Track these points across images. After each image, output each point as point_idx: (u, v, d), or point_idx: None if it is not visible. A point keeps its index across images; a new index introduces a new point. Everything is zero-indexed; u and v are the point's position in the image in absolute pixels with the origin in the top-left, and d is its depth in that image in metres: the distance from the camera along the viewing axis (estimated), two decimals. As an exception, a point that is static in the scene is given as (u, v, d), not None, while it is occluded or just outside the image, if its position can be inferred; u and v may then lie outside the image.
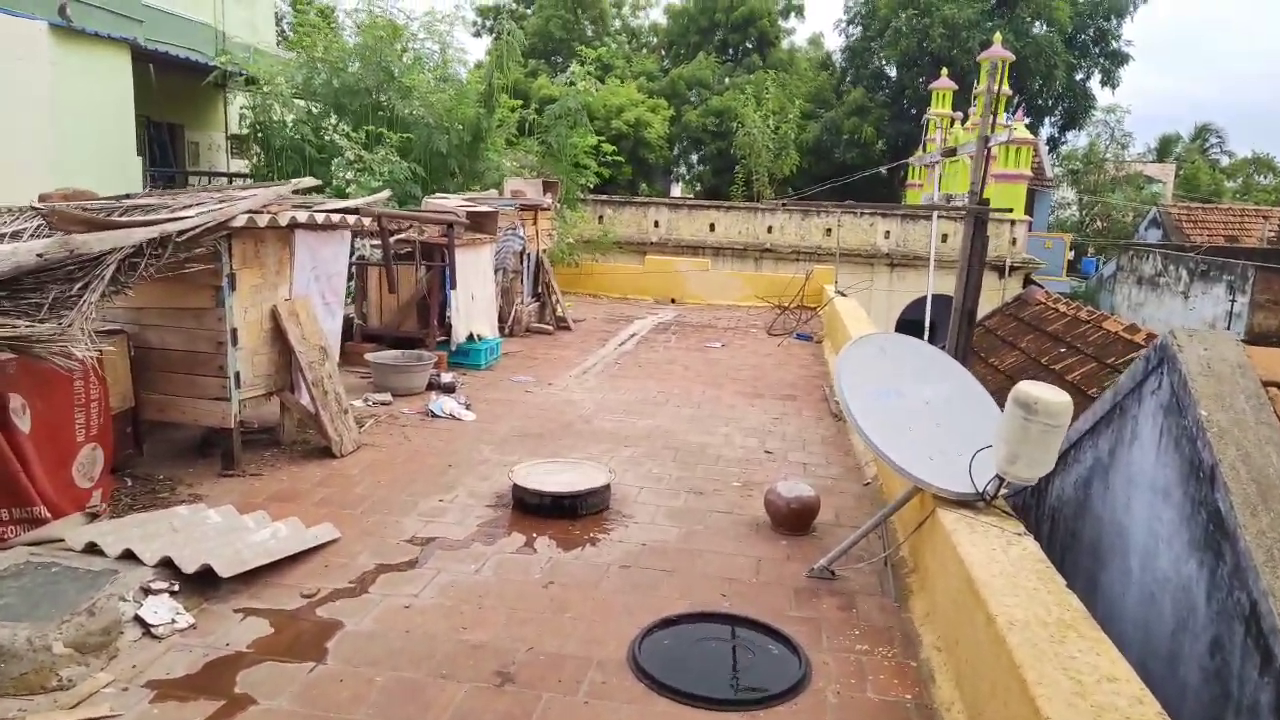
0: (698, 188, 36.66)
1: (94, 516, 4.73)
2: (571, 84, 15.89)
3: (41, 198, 5.16)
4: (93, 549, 4.09)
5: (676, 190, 38.05)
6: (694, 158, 36.41)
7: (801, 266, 19.18)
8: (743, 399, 8.61)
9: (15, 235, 4.41)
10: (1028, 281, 21.03)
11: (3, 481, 4.39)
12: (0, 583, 3.81)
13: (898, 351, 4.52)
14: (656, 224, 21.49)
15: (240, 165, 16.24)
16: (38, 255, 3.90)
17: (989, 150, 5.86)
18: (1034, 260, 22.29)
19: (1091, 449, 5.22)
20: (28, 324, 3.85)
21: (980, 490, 3.94)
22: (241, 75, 13.30)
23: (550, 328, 12.09)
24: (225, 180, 15.84)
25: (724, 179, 30.62)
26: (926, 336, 9.13)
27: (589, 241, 17.51)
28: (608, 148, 16.97)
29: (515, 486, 5.27)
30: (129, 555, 4.03)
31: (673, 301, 16.51)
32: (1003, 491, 3.98)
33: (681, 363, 10.51)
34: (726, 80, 34.40)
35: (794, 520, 5.05)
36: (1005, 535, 3.74)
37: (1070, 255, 32.53)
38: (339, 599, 4.07)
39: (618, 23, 39.00)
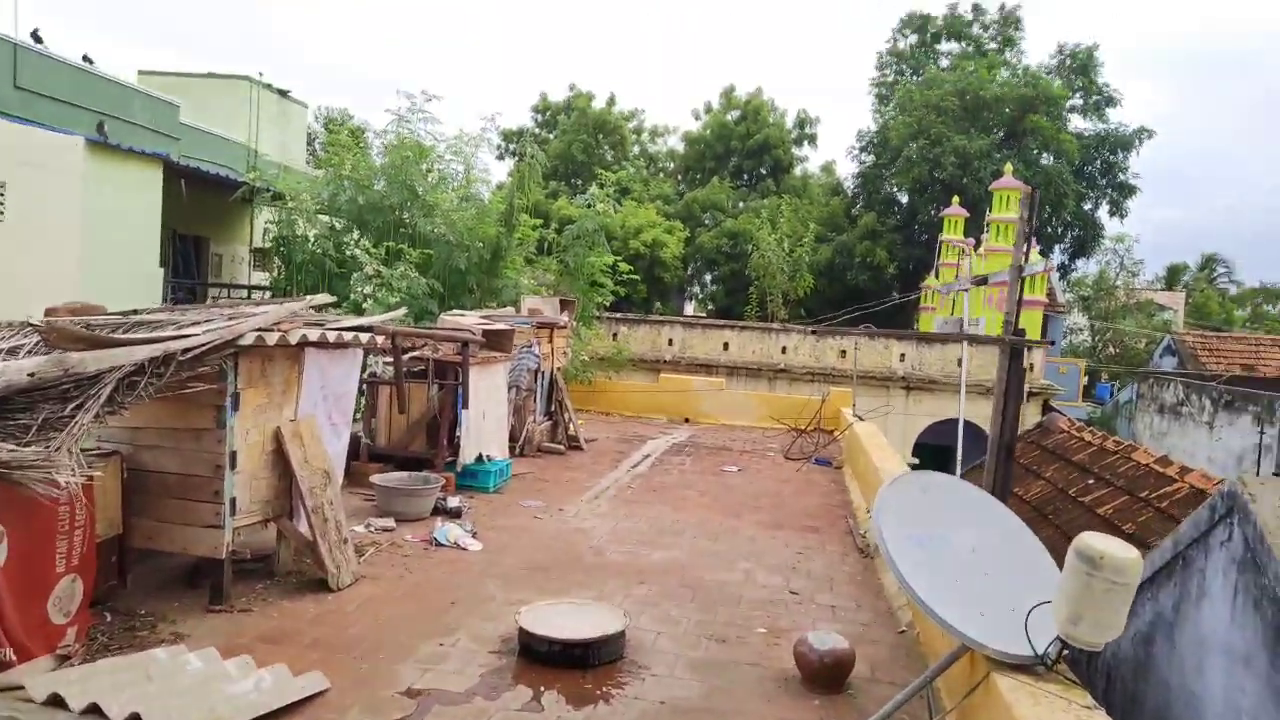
0: (710, 307, 37.02)
1: (64, 659, 4.34)
2: (590, 205, 16.15)
3: (48, 312, 5.01)
4: (56, 701, 3.70)
5: (690, 309, 38.42)
6: (708, 278, 36.93)
7: (816, 388, 18.99)
8: (763, 530, 8.20)
9: (13, 351, 4.22)
10: (1046, 407, 20.71)
11: (-33, 618, 4.04)
12: (-54, 740, 3.42)
13: (939, 493, 4.19)
14: (671, 342, 21.47)
15: (262, 278, 16.42)
16: (29, 375, 3.69)
17: (1021, 279, 5.68)
18: (1052, 386, 22.03)
19: (1151, 602, 4.80)
20: (11, 448, 3.59)
21: (1040, 654, 3.54)
22: (269, 191, 13.56)
23: (562, 447, 11.78)
24: (245, 293, 15.97)
25: (737, 298, 30.88)
26: (959, 463, 8.77)
27: (603, 359, 17.43)
28: (624, 267, 17.13)
29: (522, 631, 4.86)
30: (95, 709, 3.63)
31: (686, 421, 16.23)
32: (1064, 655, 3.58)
33: (697, 488, 10.13)
34: (741, 204, 35.24)
35: (827, 676, 4.60)
36: (1074, 709, 3.32)
37: (1084, 381, 32.31)
38: (322, 765, 3.64)
39: (636, 148, 40.35)
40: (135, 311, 5.31)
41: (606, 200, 16.21)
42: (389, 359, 8.29)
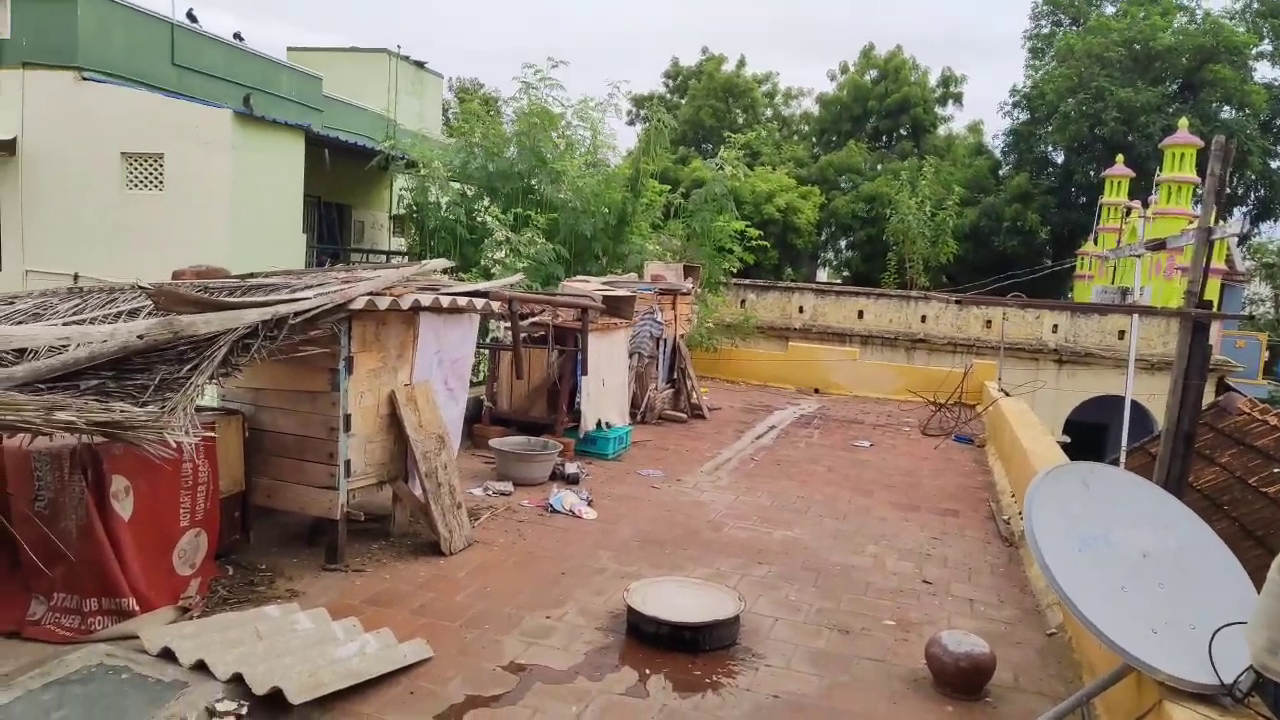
0: (845, 274, 35.72)
1: (185, 610, 4.45)
2: (720, 169, 15.66)
3: (175, 275, 5.12)
4: (168, 655, 3.75)
5: (823, 276, 37.22)
6: (842, 243, 35.60)
7: (958, 359, 17.89)
8: (895, 511, 7.67)
9: (134, 314, 4.30)
10: (1222, 386, 18.74)
11: (96, 569, 4.18)
12: (67, 688, 3.51)
13: (1106, 487, 3.63)
14: (801, 309, 20.76)
15: (400, 243, 16.90)
16: (139, 336, 3.71)
17: (1209, 244, 4.90)
18: (1229, 362, 19.94)
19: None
20: (125, 407, 3.62)
21: (1228, 684, 2.98)
22: (404, 159, 13.83)
23: (684, 415, 11.52)
24: (384, 258, 16.48)
25: (873, 265, 29.59)
26: (1124, 453, 7.91)
27: (729, 326, 17.00)
28: (753, 232, 16.57)
29: (631, 610, 4.63)
30: (202, 666, 3.66)
31: (816, 392, 15.62)
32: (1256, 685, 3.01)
33: (825, 463, 9.65)
34: (878, 167, 33.67)
35: (962, 681, 4.15)
36: (1268, 753, 2.77)
37: (1265, 356, 29.19)
38: (418, 739, 3.53)
39: (769, 112, 39.21)
40: (252, 274, 5.37)
41: (735, 164, 15.67)
42: (509, 324, 8.22)
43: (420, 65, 20.77)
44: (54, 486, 4.22)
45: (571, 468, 7.81)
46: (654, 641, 4.51)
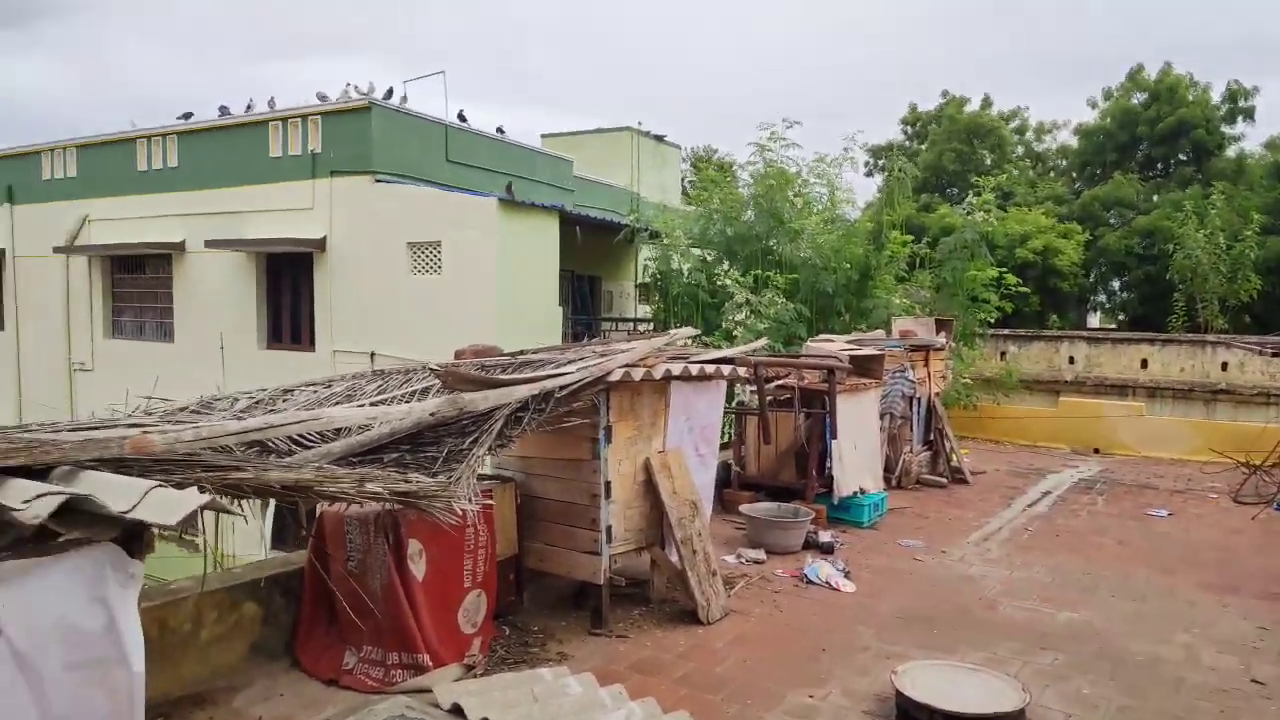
0: (1121, 317, 32.27)
1: (470, 668, 4.77)
2: (969, 214, 14.88)
3: (457, 354, 5.65)
4: (457, 711, 4.02)
5: (1094, 321, 33.90)
6: (1115, 284, 32.29)
7: (1273, 412, 15.46)
8: (1207, 593, 6.66)
9: (424, 392, 4.78)
10: None
11: (395, 625, 4.61)
12: (373, 736, 3.86)
13: None
14: (1071, 360, 18.96)
15: (645, 310, 17.62)
16: (431, 414, 4.10)
17: None
18: None
19: None
20: (420, 478, 4.00)
21: None
22: (647, 230, 14.49)
23: (944, 480, 10.83)
24: (631, 325, 17.24)
25: (1155, 307, 26.46)
26: None
27: (989, 381, 15.87)
28: (1010, 279, 15.47)
29: (899, 695, 4.34)
30: (485, 724, 3.88)
31: (1095, 452, 14.11)
32: None
33: (1113, 534, 8.62)
34: (1154, 198, 30.37)
35: (1321, 810, 3.45)
36: None
37: None
38: (686, 816, 3.49)
39: (1019, 149, 36.88)
40: (522, 352, 5.80)
41: (987, 208, 14.82)
42: (755, 388, 8.23)
43: (660, 139, 21.79)
44: (362, 548, 4.74)
45: (825, 536, 7.58)
46: (928, 731, 4.18)
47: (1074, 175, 35.45)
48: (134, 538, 2.66)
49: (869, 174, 35.88)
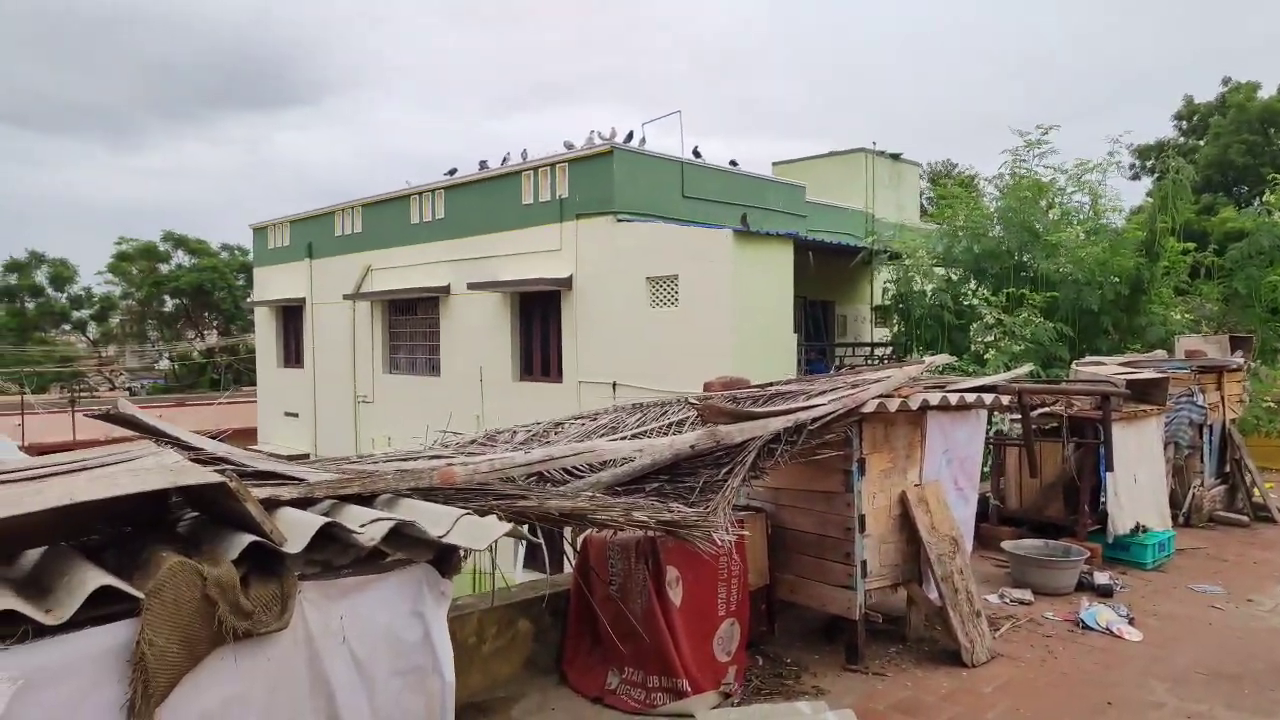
0: None
1: (726, 696, 4.84)
2: (1268, 214, 13.07)
3: (706, 386, 5.80)
4: (718, 738, 4.11)
5: None
6: None
7: None
8: None
9: (680, 424, 4.96)
10: None
11: (656, 649, 4.78)
12: (641, 757, 4.03)
13: None
14: (1407, 378, 15.96)
15: (882, 334, 17.09)
16: (690, 446, 4.25)
17: None
18: None
19: None
20: (680, 508, 4.15)
21: None
22: (885, 252, 14.07)
23: (1245, 518, 9.50)
24: (868, 350, 16.79)
25: None
26: None
27: (1298, 404, 13.74)
28: (1322, 285, 13.35)
29: (1210, 763, 3.87)
30: (748, 754, 3.92)
31: None
32: None
33: None
34: None
35: None
36: None
37: None
38: None
39: (1325, 134, 31.89)
40: (770, 384, 5.84)
41: (1289, 204, 12.94)
42: (1016, 416, 7.71)
43: (896, 157, 21.14)
44: (623, 573, 4.98)
45: (1102, 577, 6.91)
46: (1249, 809, 3.69)
47: None
48: (444, 559, 2.99)
49: (1135, 177, 32.59)
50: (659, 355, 13.80)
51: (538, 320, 16.69)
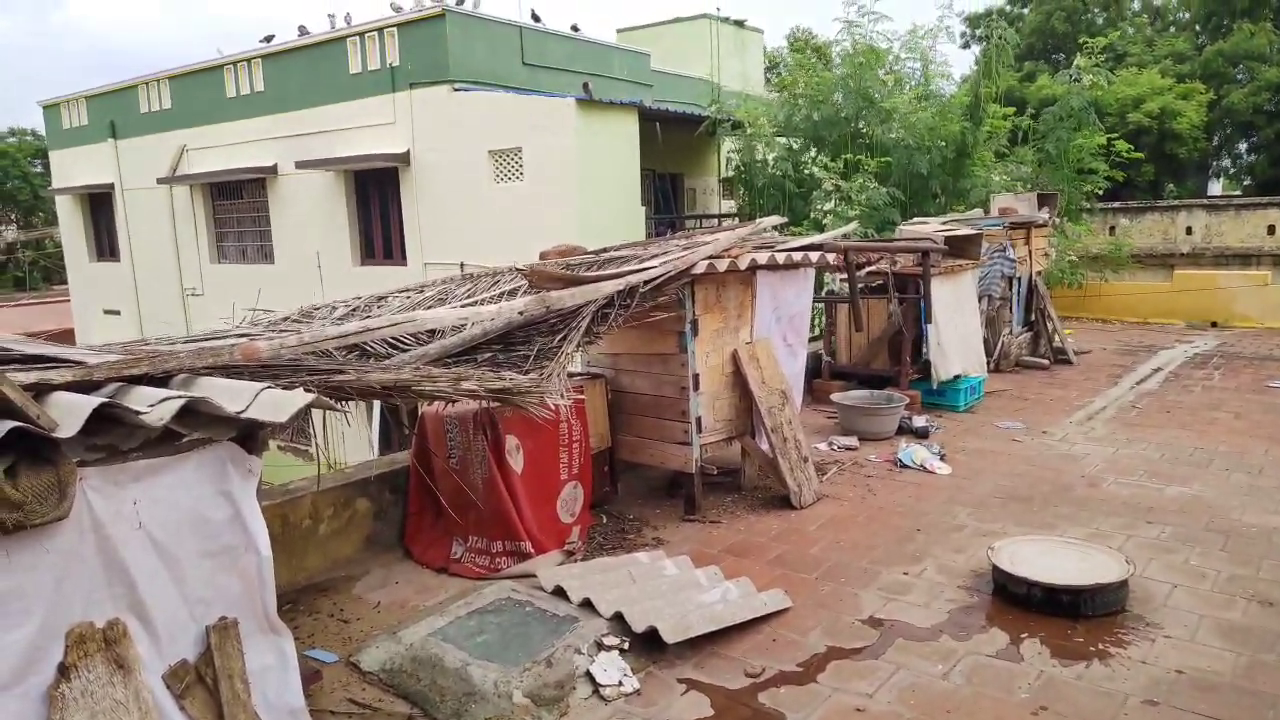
0: (1246, 182, 29.90)
1: (570, 554, 5.00)
2: (1076, 80, 13.85)
3: (542, 255, 5.71)
4: (559, 593, 4.25)
5: (1216, 188, 31.51)
6: (1242, 147, 29.80)
7: None
8: (1331, 465, 6.34)
9: (513, 293, 4.87)
10: None
11: (499, 516, 4.85)
12: (484, 617, 4.13)
13: None
14: (1189, 231, 17.75)
15: (730, 206, 17.28)
16: (519, 313, 4.19)
17: None
18: None
19: None
20: (513, 376, 4.12)
21: None
22: (729, 121, 14.05)
23: (1046, 361, 10.49)
24: (716, 222, 16.97)
25: (1287, 169, 24.39)
26: None
27: (1096, 258, 15.07)
28: (1121, 146, 14.44)
29: (996, 569, 4.35)
30: (588, 604, 4.09)
31: (1213, 326, 13.38)
32: None
33: (1229, 408, 8.24)
34: (1290, 47, 27.50)
35: None
36: None
37: None
38: (784, 685, 3.64)
39: (1136, 3, 33.80)
40: (604, 250, 5.81)
41: (1095, 71, 13.73)
42: (845, 276, 8.05)
43: (740, 24, 20.85)
44: (462, 445, 4.96)
45: (920, 421, 7.50)
46: (1025, 604, 4.20)
47: (1197, 29, 32.40)
48: (250, 436, 2.86)
49: (965, 45, 33.69)
50: (507, 233, 13.42)
51: (376, 200, 15.83)
